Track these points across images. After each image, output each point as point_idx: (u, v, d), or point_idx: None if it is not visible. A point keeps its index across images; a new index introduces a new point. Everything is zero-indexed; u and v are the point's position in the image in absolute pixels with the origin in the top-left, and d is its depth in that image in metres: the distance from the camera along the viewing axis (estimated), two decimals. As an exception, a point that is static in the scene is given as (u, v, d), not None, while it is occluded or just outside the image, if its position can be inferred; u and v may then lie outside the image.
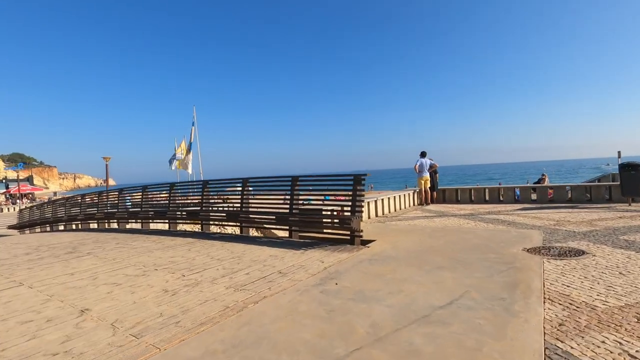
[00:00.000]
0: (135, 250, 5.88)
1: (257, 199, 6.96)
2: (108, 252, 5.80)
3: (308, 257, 4.68)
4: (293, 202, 6.16)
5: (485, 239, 5.34)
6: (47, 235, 9.60)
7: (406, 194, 11.21)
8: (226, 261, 4.69)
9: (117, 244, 6.64)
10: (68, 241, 7.56)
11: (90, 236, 8.25)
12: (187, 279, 3.94)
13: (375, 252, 4.84)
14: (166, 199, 8.60)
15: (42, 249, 6.58)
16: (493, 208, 9.69)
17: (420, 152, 11.73)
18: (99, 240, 7.39)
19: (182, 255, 5.21)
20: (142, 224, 9.17)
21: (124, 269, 4.55)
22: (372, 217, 8.98)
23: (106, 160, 22.41)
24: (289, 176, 6.33)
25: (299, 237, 6.10)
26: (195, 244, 6.07)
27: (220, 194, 8.31)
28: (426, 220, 8.07)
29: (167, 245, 6.18)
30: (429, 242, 5.33)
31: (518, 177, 79.45)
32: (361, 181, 5.46)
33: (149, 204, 9.06)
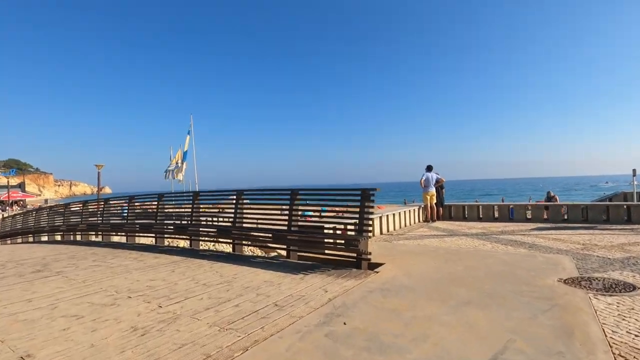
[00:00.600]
0: (111, 269, 5.19)
1: (252, 214, 6.31)
2: (80, 272, 5.11)
3: (309, 285, 4.02)
4: (292, 218, 5.52)
5: (510, 265, 4.70)
6: (23, 247, 8.87)
7: (411, 209, 10.59)
8: (213, 287, 4.02)
9: (94, 261, 5.94)
10: (41, 256, 6.84)
11: (69, 250, 7.54)
12: (163, 311, 3.27)
13: (386, 279, 4.18)
14: (154, 210, 7.93)
15: (8, 266, 5.88)
16: (505, 227, 9.07)
17: (426, 166, 11.17)
18: (76, 255, 6.68)
19: (163, 278, 4.53)
20: (127, 237, 8.46)
21: (92, 295, 3.86)
22: (377, 235, 8.33)
23: (99, 167, 21.73)
24: (287, 189, 5.71)
25: (297, 257, 5.44)
26: (181, 264, 5.39)
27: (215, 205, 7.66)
28: (436, 239, 7.43)
29: (149, 264, 5.49)
30: (447, 267, 4.68)
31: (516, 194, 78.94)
32: (370, 197, 4.84)
33: (135, 215, 8.39)
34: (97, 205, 9.71)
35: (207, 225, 6.71)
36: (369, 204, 4.83)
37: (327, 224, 5.50)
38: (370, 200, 4.81)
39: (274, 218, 5.76)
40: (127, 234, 8.34)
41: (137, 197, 8.64)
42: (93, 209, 9.84)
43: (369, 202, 4.83)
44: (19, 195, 38.65)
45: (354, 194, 5.06)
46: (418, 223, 10.73)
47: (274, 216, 5.83)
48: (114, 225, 8.54)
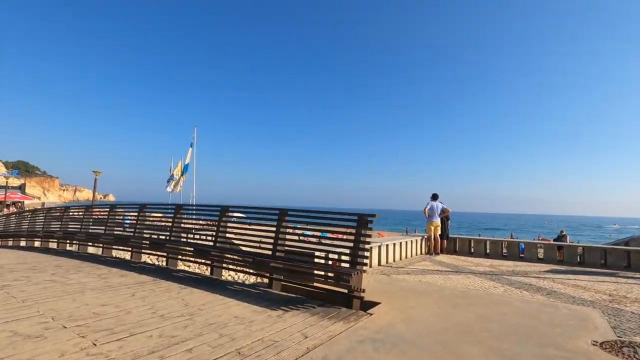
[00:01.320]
0: (65, 287, 4.49)
1: (235, 233, 5.64)
2: (28, 288, 4.42)
3: (286, 325, 3.30)
4: (278, 242, 4.84)
5: (530, 316, 3.95)
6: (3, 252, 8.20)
7: (413, 240, 9.83)
8: (171, 321, 3.32)
9: (52, 275, 5.26)
10: (2, 264, 6.16)
11: (35, 259, 6.86)
12: (96, 351, 2.57)
13: (381, 325, 3.45)
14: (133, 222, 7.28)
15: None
16: (515, 266, 8.27)
17: (432, 195, 10.50)
18: (38, 266, 6.00)
19: (117, 304, 3.83)
20: (103, 249, 7.79)
21: (22, 321, 3.17)
22: (374, 266, 7.58)
23: (96, 174, 21.28)
24: (275, 209, 5.07)
25: (281, 287, 4.71)
26: (146, 286, 4.69)
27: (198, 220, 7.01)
28: (440, 276, 6.67)
29: (110, 283, 4.80)
30: (454, 314, 3.94)
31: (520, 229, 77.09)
32: (367, 224, 4.18)
33: (114, 226, 7.73)
34: (78, 211, 9.09)
35: (185, 242, 6.03)
36: (366, 232, 4.16)
37: (319, 250, 4.80)
38: (368, 227, 4.14)
39: (258, 240, 5.09)
40: (104, 246, 7.66)
41: (119, 206, 8.03)
42: (75, 215, 9.22)
43: (365, 230, 4.16)
44: (17, 197, 38.28)
45: (349, 219, 4.40)
46: (420, 255, 9.95)
47: (260, 237, 5.16)
48: (91, 235, 7.87)
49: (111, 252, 7.71)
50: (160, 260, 7.83)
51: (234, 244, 5.53)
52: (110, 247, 7.53)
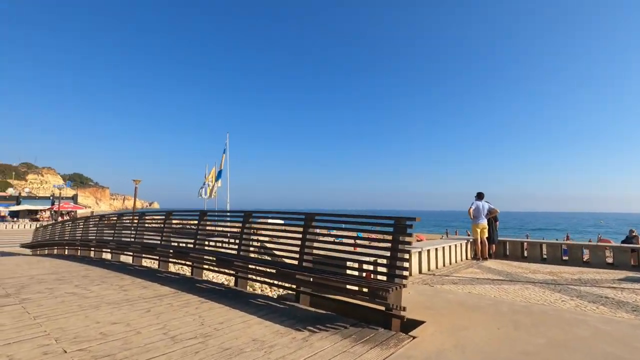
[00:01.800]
0: (83, 301, 4.26)
1: (259, 241, 5.20)
2: (47, 302, 4.23)
3: (312, 352, 2.76)
4: (305, 250, 4.33)
5: (620, 343, 3.12)
6: (31, 261, 8.41)
7: (457, 244, 8.94)
8: (181, 344, 2.90)
9: (75, 287, 5.10)
10: (31, 275, 6.18)
11: (67, 269, 6.87)
12: (86, 386, 2.18)
13: (427, 354, 2.81)
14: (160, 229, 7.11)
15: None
16: (581, 274, 7.18)
17: (477, 194, 9.54)
18: (66, 277, 5.93)
19: (130, 321, 3.49)
20: (133, 257, 7.71)
21: (23, 343, 2.89)
22: (414, 274, 6.85)
23: (136, 182, 22.10)
24: (301, 213, 4.56)
25: (309, 301, 4.19)
26: (165, 300, 4.35)
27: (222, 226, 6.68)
28: (493, 286, 5.84)
29: (129, 296, 4.52)
30: (518, 339, 3.20)
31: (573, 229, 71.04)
32: (406, 229, 3.55)
33: (143, 233, 7.62)
34: (108, 220, 9.17)
35: (209, 251, 5.69)
36: (405, 239, 3.54)
37: (351, 260, 4.23)
38: (407, 234, 3.51)
39: (283, 248, 4.61)
40: (134, 254, 7.58)
41: (148, 213, 7.94)
42: (107, 223, 9.31)
43: (404, 237, 3.53)
44: (70, 207, 41.04)
45: (384, 223, 3.80)
46: (466, 261, 9.03)
47: (284, 245, 4.68)
48: (122, 243, 7.83)
49: (141, 260, 7.61)
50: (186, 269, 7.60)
51: (259, 252, 5.09)
52: (140, 256, 7.41)
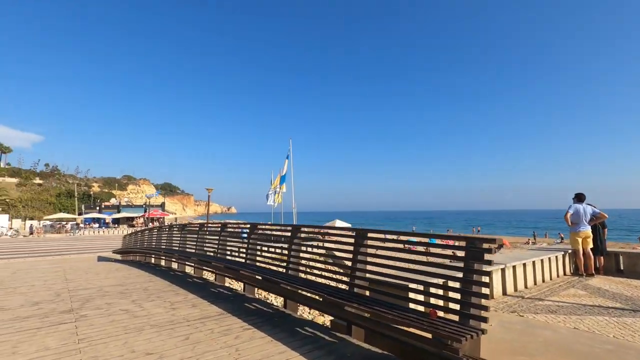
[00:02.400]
0: (131, 322, 4.16)
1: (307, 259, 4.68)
2: (99, 320, 4.22)
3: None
4: (356, 272, 3.67)
5: None
6: (110, 270, 9.07)
7: (552, 257, 7.39)
8: (204, 393, 2.47)
9: (132, 302, 5.13)
10: (101, 286, 6.50)
11: (134, 280, 7.17)
12: None
13: None
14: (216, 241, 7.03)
15: (54, 299, 5.51)
16: None
17: (575, 195, 7.85)
18: (128, 289, 6.10)
19: (163, 353, 3.19)
20: (194, 268, 7.80)
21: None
22: (497, 297, 5.71)
23: (209, 191, 23.49)
24: (353, 229, 3.91)
25: (364, 336, 3.51)
26: (208, 324, 4.05)
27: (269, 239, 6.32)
28: (607, 318, 4.49)
29: (175, 317, 4.32)
30: None
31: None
32: (483, 254, 2.69)
33: (204, 245, 7.67)
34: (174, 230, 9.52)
35: (257, 268, 5.33)
36: (482, 268, 2.68)
37: (413, 281, 3.44)
38: (485, 261, 2.66)
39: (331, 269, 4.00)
40: (194, 266, 7.65)
41: (210, 224, 7.99)
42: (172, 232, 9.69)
43: (480, 265, 2.68)
44: (158, 214, 45.82)
45: (454, 247, 2.97)
46: (564, 277, 7.43)
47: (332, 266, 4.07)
48: (185, 254, 7.99)
49: (201, 272, 7.65)
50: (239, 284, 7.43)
51: (307, 271, 4.57)
52: (200, 268, 7.44)
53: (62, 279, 7.59)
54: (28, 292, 6.07)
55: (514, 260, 6.35)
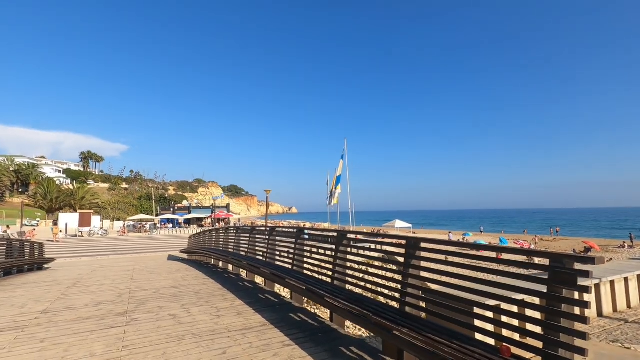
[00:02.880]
0: (174, 329, 4.11)
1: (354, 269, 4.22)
2: (145, 326, 4.24)
3: None
4: (407, 290, 3.15)
5: None
6: (171, 270, 9.53)
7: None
8: None
9: (181, 307, 5.14)
10: (158, 288, 6.73)
11: (190, 282, 7.36)
12: None
13: None
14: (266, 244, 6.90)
15: (122, 297, 5.78)
16: None
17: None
18: (182, 292, 6.21)
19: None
20: (247, 273, 7.79)
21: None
22: (592, 318, 4.69)
23: (267, 192, 24.08)
24: (404, 237, 3.38)
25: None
26: (249, 336, 3.83)
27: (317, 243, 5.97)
28: None
29: (218, 326, 4.18)
30: None
31: None
32: (576, 278, 2.03)
33: (255, 248, 7.62)
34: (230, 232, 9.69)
35: (303, 277, 5.01)
36: (574, 296, 2.01)
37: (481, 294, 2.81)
38: (579, 287, 1.99)
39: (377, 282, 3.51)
40: (247, 270, 7.63)
41: (258, 227, 7.93)
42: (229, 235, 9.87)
43: (572, 290, 2.01)
44: (223, 215, 48.65)
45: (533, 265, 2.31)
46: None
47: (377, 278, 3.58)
48: (238, 256, 8.04)
49: (253, 276, 7.60)
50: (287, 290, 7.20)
51: (357, 282, 4.13)
52: (251, 271, 7.40)
53: (129, 278, 8.09)
54: (96, 292, 6.50)
55: (611, 272, 5.21)
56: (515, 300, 2.38)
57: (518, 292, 2.33)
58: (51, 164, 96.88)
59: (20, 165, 68.57)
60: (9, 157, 70.59)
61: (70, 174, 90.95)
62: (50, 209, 52.00)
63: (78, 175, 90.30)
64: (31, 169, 68.21)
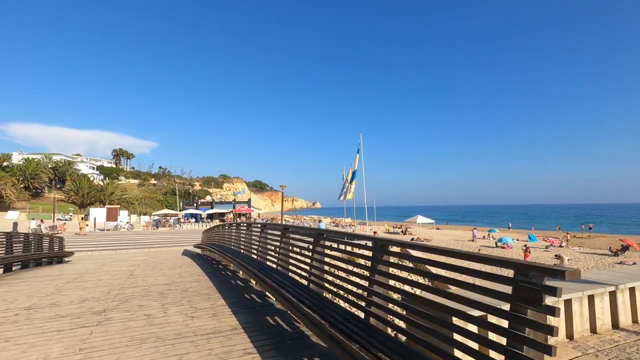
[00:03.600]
0: (140, 331, 3.94)
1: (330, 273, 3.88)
2: (114, 327, 4.10)
3: None
4: (373, 298, 2.78)
5: None
6: (174, 266, 9.53)
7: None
8: None
9: (161, 306, 4.99)
10: (148, 286, 6.66)
11: (185, 278, 7.26)
12: None
13: None
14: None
15: (110, 294, 5.73)
16: None
17: None
18: (170, 289, 6.09)
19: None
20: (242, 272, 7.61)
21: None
22: (604, 330, 4.13)
23: (282, 188, 23.99)
24: (371, 238, 3.01)
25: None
26: (212, 341, 3.59)
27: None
28: None
29: (185, 330, 3.98)
30: None
31: None
32: (542, 296, 1.60)
33: (251, 245, 7.42)
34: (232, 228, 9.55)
35: (283, 277, 4.72)
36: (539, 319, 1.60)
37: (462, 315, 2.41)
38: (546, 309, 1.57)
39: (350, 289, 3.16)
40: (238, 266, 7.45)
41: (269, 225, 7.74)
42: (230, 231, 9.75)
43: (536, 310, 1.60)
44: (243, 210, 49.27)
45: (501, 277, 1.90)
46: None
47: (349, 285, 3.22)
48: (234, 253, 7.88)
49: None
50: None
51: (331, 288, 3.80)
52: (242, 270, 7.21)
53: (129, 274, 8.11)
54: (90, 287, 6.50)
55: (629, 278, 4.58)
56: (472, 318, 1.98)
57: (476, 309, 1.92)
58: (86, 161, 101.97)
59: (57, 163, 72.45)
60: (47, 155, 74.76)
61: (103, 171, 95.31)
62: (82, 204, 54.61)
63: (110, 171, 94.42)
64: (67, 166, 71.89)
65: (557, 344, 4.14)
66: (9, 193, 47.78)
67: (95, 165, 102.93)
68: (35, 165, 62.47)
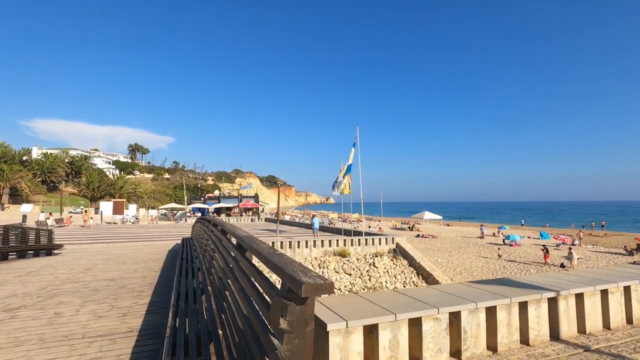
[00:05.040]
0: (30, 330, 3.74)
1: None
2: (7, 326, 3.92)
3: None
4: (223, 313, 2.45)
5: None
6: (148, 259, 9.41)
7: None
8: None
9: (82, 303, 4.81)
10: (96, 280, 6.51)
11: (140, 274, 7.08)
12: None
13: None
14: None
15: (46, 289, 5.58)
16: None
17: None
18: (113, 285, 5.92)
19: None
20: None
21: None
22: (540, 342, 3.67)
23: (279, 182, 23.75)
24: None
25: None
26: (92, 347, 3.35)
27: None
28: None
29: (84, 330, 3.75)
30: None
31: None
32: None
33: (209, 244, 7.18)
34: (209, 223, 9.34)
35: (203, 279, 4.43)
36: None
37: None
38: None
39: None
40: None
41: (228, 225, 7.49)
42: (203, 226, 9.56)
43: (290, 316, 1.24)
44: (249, 204, 49.37)
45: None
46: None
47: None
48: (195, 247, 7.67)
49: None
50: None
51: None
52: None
53: (86, 269, 7.94)
54: (40, 282, 6.39)
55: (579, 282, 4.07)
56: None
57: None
58: (103, 155, 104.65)
59: (73, 157, 74.54)
60: (64, 150, 77.01)
61: (119, 165, 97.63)
62: (93, 197, 56.06)
63: (125, 166, 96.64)
64: (83, 161, 73.90)
65: (473, 357, 3.70)
66: (24, 187, 49.42)
67: (112, 160, 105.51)
68: (52, 159, 64.44)
